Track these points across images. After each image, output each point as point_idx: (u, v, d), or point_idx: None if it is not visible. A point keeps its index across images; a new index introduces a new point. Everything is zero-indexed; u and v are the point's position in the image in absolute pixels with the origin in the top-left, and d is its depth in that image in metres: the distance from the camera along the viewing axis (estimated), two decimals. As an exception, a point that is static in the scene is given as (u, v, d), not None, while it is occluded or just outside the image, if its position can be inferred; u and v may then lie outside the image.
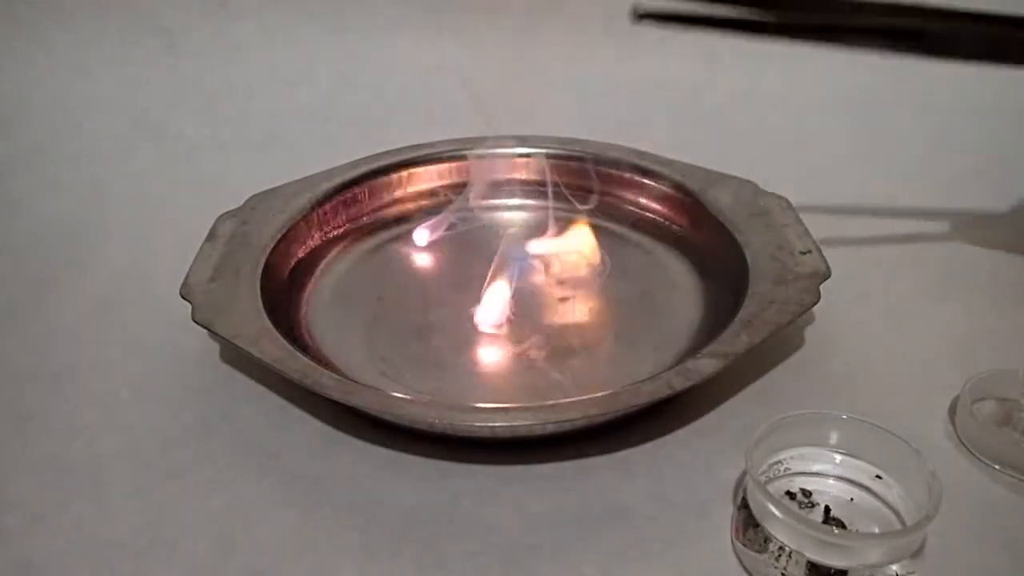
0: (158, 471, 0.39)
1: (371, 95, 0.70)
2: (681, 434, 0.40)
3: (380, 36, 0.70)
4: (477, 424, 0.36)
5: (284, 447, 0.40)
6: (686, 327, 0.46)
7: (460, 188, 0.56)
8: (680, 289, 0.49)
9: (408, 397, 0.38)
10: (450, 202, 0.56)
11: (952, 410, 0.41)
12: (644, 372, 0.41)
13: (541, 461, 0.39)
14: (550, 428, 0.36)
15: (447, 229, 0.53)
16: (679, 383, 0.37)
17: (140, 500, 0.37)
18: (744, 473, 0.33)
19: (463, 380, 0.43)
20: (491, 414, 0.36)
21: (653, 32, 0.69)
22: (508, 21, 0.70)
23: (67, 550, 0.35)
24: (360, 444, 0.40)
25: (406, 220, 0.55)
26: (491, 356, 0.44)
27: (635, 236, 0.54)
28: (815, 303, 0.41)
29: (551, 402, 0.37)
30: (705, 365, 0.38)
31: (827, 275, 0.43)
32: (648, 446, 0.40)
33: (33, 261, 0.54)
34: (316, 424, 0.41)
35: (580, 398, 0.37)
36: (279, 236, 0.48)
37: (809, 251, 0.45)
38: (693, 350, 0.42)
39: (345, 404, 0.38)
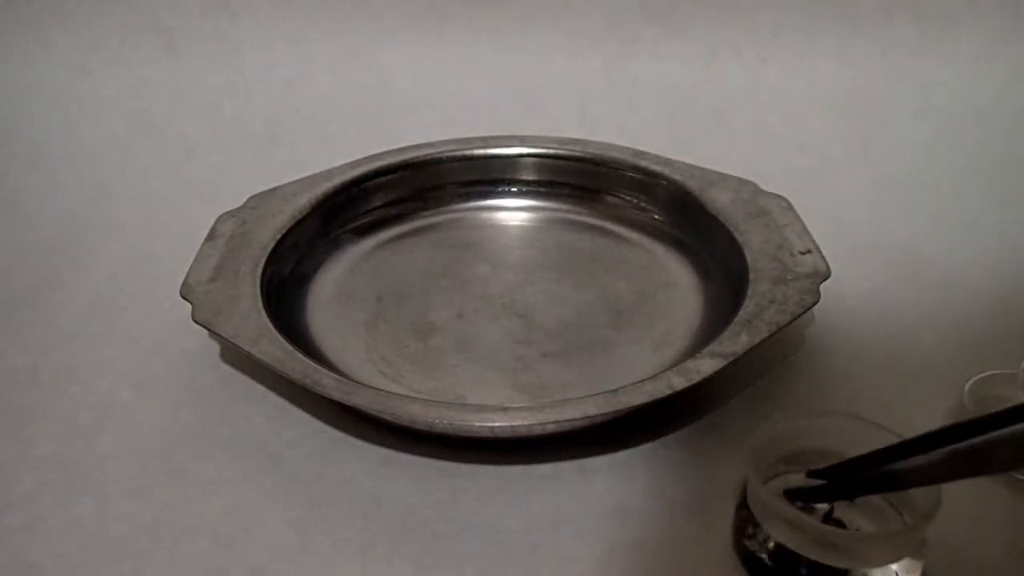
0: (158, 471, 0.39)
1: (371, 95, 0.69)
2: (681, 434, 0.40)
3: (380, 36, 0.70)
4: (477, 424, 0.36)
5: (284, 447, 0.40)
6: (686, 327, 0.46)
7: (461, 187, 0.57)
8: (680, 289, 0.49)
9: (408, 397, 0.38)
10: (449, 202, 0.56)
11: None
12: (644, 372, 0.41)
13: (541, 461, 0.39)
14: (550, 428, 0.36)
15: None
16: (679, 383, 0.37)
17: (140, 500, 0.37)
18: (744, 473, 0.33)
19: (463, 380, 0.43)
20: (491, 414, 0.36)
21: (653, 32, 0.69)
22: (508, 21, 0.70)
23: (67, 550, 0.35)
24: (360, 444, 0.40)
25: (406, 220, 0.55)
26: (491, 356, 0.44)
27: (635, 236, 0.54)
28: (815, 303, 0.41)
29: (551, 402, 0.37)
30: (705, 365, 0.38)
31: (827, 275, 0.43)
32: (648, 446, 0.40)
33: (33, 261, 0.54)
34: (316, 424, 0.41)
35: (580, 398, 0.37)
36: (279, 236, 0.48)
37: (809, 251, 0.45)
38: (693, 350, 0.42)
39: (345, 404, 0.38)
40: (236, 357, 0.45)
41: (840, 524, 0.33)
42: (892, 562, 0.31)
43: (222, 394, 0.43)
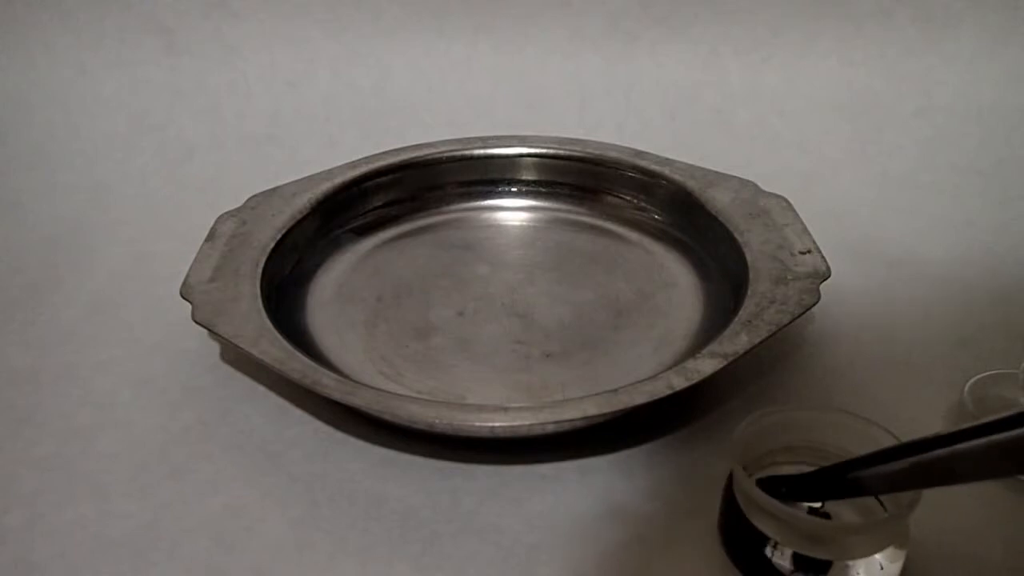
0: (158, 471, 0.39)
1: (371, 95, 0.70)
2: (681, 434, 0.40)
3: (380, 36, 0.70)
4: (477, 424, 0.36)
5: (284, 447, 0.40)
6: (686, 327, 0.46)
7: (461, 187, 0.57)
8: (680, 289, 0.49)
9: (408, 397, 0.38)
10: (449, 202, 0.56)
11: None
12: (644, 372, 0.41)
13: (541, 461, 0.39)
14: (550, 428, 0.36)
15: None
16: (679, 383, 0.37)
17: (140, 500, 0.37)
18: (730, 465, 0.33)
19: (463, 380, 0.43)
20: (491, 414, 0.36)
21: (653, 32, 0.69)
22: (508, 21, 0.70)
23: (67, 550, 0.35)
24: (360, 444, 0.40)
25: (406, 220, 0.55)
26: (491, 356, 0.44)
27: (635, 236, 0.54)
28: (815, 303, 0.41)
29: (551, 402, 0.37)
30: (705, 365, 0.38)
31: (827, 275, 0.43)
32: (648, 446, 0.40)
33: (33, 261, 0.54)
34: (316, 424, 0.41)
35: (580, 398, 0.37)
36: (279, 236, 0.48)
37: (809, 251, 0.45)
38: (693, 350, 0.42)
39: (345, 404, 0.38)
40: (236, 357, 0.45)
41: (824, 515, 0.33)
42: (875, 552, 0.31)
43: (222, 394, 0.43)
